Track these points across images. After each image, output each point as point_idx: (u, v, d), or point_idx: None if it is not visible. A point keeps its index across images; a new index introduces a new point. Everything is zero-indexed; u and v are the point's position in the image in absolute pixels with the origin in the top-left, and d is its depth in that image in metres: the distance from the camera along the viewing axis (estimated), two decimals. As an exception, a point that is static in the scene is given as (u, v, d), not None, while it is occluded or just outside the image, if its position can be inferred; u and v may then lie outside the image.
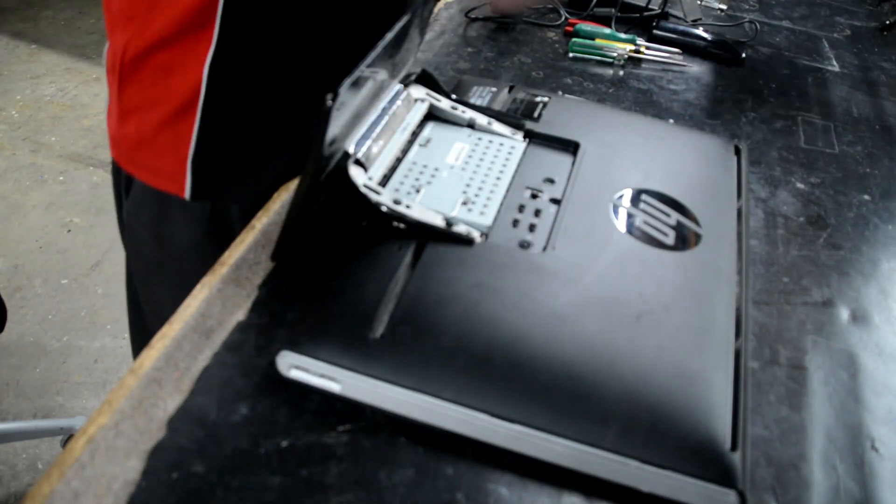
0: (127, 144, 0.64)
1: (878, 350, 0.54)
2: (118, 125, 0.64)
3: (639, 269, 0.48)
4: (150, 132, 0.62)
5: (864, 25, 1.18)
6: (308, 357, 0.41)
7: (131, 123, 0.63)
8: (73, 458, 0.38)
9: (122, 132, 0.64)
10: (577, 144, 0.59)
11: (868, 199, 0.72)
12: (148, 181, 0.66)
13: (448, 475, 0.40)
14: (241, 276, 0.50)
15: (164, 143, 0.62)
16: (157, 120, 0.61)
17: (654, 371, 0.42)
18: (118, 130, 0.65)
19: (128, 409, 0.41)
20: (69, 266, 1.74)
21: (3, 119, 2.26)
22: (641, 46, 0.92)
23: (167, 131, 0.61)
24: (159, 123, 0.61)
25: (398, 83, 0.59)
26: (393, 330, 0.42)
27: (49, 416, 1.40)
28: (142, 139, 0.63)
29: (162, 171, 0.64)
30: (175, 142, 0.61)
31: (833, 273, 0.61)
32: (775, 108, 0.86)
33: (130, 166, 0.66)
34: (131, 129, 0.63)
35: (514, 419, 0.39)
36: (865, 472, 0.44)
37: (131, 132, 0.63)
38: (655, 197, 0.55)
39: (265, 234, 0.54)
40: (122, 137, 0.64)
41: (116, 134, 0.65)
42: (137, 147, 0.64)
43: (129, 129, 0.63)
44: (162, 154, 0.63)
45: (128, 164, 0.67)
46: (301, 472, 0.39)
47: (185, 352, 0.44)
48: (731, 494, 0.38)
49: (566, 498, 0.40)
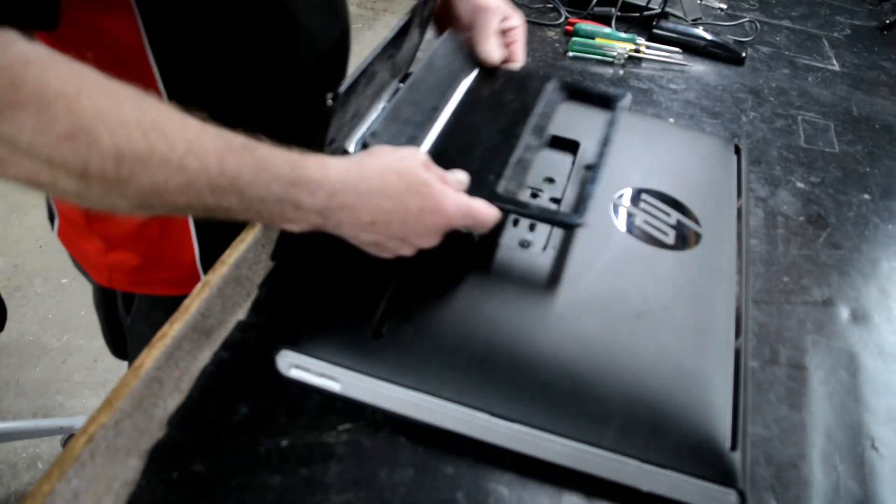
0: (121, 271, 0.62)
1: (878, 349, 0.54)
2: (103, 256, 0.62)
3: (639, 268, 0.48)
4: (149, 253, 0.60)
5: (865, 25, 1.18)
6: (308, 356, 0.41)
7: (122, 254, 0.61)
8: (74, 457, 0.38)
9: (112, 261, 0.62)
10: (577, 144, 0.59)
11: (868, 199, 0.72)
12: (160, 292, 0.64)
13: (448, 474, 0.40)
14: (242, 275, 0.50)
15: (166, 257, 0.61)
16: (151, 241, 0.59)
17: (654, 370, 0.42)
18: (104, 260, 0.62)
19: (128, 408, 0.41)
20: (69, 265, 1.74)
21: (3, 118, 2.25)
22: (641, 46, 0.92)
23: (165, 246, 0.60)
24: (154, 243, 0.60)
25: (398, 83, 0.59)
26: (393, 329, 0.42)
27: (49, 415, 1.40)
28: (141, 263, 0.61)
29: (173, 279, 0.62)
30: (178, 251, 0.60)
31: (833, 272, 0.61)
32: (775, 108, 0.86)
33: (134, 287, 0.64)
34: (125, 258, 0.61)
35: (514, 418, 0.39)
36: (865, 472, 0.45)
37: (126, 260, 0.61)
38: (655, 196, 0.55)
39: (265, 234, 0.54)
40: (112, 266, 0.62)
41: (101, 263, 0.63)
42: (137, 270, 0.62)
43: (122, 257, 0.61)
44: (169, 267, 0.61)
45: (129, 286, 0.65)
46: (301, 471, 0.39)
47: (185, 351, 0.44)
48: (731, 494, 0.38)
49: (566, 497, 0.40)
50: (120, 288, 0.65)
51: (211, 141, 0.36)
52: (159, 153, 0.34)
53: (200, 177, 0.35)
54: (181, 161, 0.35)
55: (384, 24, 2.80)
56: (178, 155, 0.35)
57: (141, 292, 0.65)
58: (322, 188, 0.39)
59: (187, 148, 0.35)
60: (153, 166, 0.34)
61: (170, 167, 0.35)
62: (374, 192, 0.40)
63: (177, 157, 0.35)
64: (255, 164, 0.37)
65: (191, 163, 0.35)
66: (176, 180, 0.35)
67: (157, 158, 0.34)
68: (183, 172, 0.35)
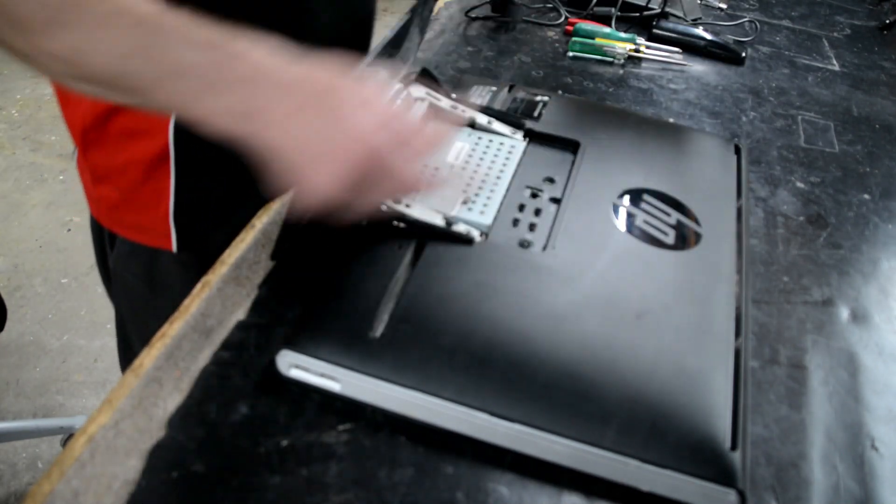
0: (105, 205, 0.63)
1: (878, 349, 0.54)
2: (92, 187, 0.63)
3: (639, 268, 0.48)
4: (127, 193, 0.61)
5: (864, 24, 1.18)
6: (308, 356, 0.41)
7: (105, 187, 0.62)
8: (74, 458, 0.38)
9: (98, 194, 0.63)
10: (577, 143, 0.59)
11: (868, 199, 0.72)
12: (133, 238, 0.65)
13: (448, 474, 0.40)
14: (241, 275, 0.50)
15: (142, 202, 0.61)
16: (131, 181, 0.60)
17: (654, 370, 0.42)
18: (93, 192, 0.64)
19: (128, 408, 0.41)
20: (69, 265, 1.74)
21: (3, 118, 2.25)
22: (641, 45, 0.92)
23: (144, 191, 0.60)
24: (134, 184, 0.60)
25: (398, 82, 0.59)
26: (393, 329, 0.42)
27: (49, 415, 1.40)
28: (120, 200, 0.62)
29: (145, 227, 0.63)
30: (154, 199, 0.60)
31: (833, 272, 0.61)
32: (775, 108, 0.86)
33: (112, 225, 0.66)
34: (107, 192, 0.62)
35: (514, 418, 0.39)
36: (865, 472, 0.44)
37: (108, 194, 0.62)
38: (655, 196, 0.55)
39: (265, 234, 0.54)
40: (98, 198, 0.64)
41: (92, 194, 0.64)
42: (116, 208, 0.63)
43: (105, 191, 0.62)
44: (142, 212, 0.62)
45: (109, 223, 0.66)
46: (301, 471, 0.39)
47: (185, 351, 0.44)
48: (731, 493, 0.38)
49: (566, 497, 0.40)
50: (106, 224, 0.66)
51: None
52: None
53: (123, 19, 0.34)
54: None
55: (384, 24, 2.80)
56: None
57: (118, 233, 0.66)
58: (246, 60, 0.37)
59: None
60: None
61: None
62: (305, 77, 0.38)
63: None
64: (179, 27, 0.36)
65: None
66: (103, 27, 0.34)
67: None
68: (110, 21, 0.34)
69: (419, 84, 0.61)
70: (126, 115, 0.56)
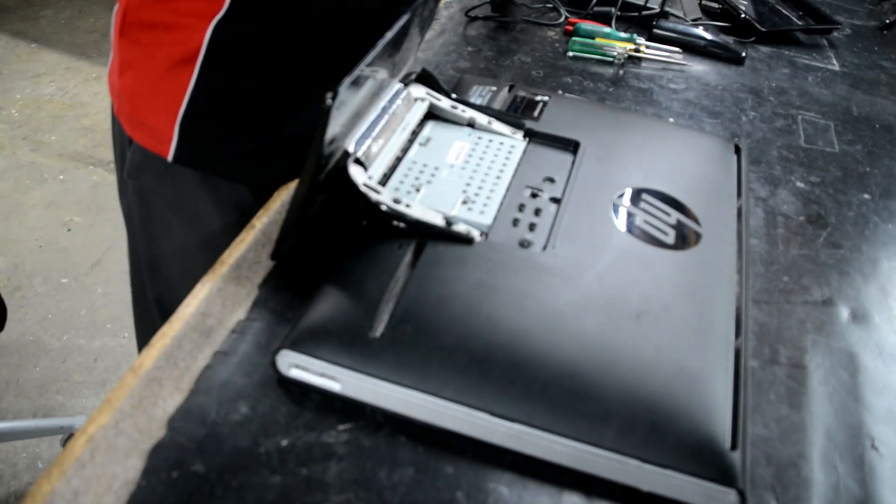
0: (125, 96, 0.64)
1: (878, 349, 0.54)
2: (116, 76, 0.64)
3: (639, 268, 0.48)
4: (147, 84, 0.62)
5: (865, 24, 1.18)
6: (308, 356, 0.41)
7: (129, 75, 0.63)
8: (74, 458, 0.38)
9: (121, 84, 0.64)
10: (577, 143, 0.59)
11: (868, 198, 0.72)
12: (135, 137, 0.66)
13: (448, 474, 0.40)
14: (242, 275, 0.50)
15: (157, 97, 0.61)
16: (155, 73, 0.61)
17: (654, 370, 0.42)
18: (117, 82, 0.65)
19: (128, 408, 0.41)
20: (69, 265, 1.74)
21: (3, 118, 2.25)
22: (641, 45, 0.92)
23: (162, 85, 0.61)
24: (156, 76, 0.61)
25: (398, 82, 0.59)
26: (393, 329, 0.42)
27: (49, 415, 1.40)
28: (138, 91, 0.63)
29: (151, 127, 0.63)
30: (168, 98, 0.61)
31: (833, 272, 0.61)
32: (775, 107, 0.86)
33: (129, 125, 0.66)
34: (129, 81, 0.63)
35: (514, 418, 0.39)
36: (865, 471, 0.45)
37: (129, 83, 0.63)
38: (655, 196, 0.55)
39: (265, 234, 0.54)
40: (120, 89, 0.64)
41: (115, 86, 0.65)
42: (133, 98, 0.64)
43: (127, 80, 0.63)
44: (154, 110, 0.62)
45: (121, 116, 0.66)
46: (301, 471, 0.39)
47: (185, 351, 0.44)
48: (731, 493, 0.38)
49: (566, 497, 0.40)
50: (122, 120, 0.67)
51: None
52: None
53: None
54: None
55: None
56: None
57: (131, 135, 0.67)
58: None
59: None
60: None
61: None
62: None
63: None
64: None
65: None
66: None
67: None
68: None
69: (419, 84, 0.61)
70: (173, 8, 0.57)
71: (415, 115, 0.59)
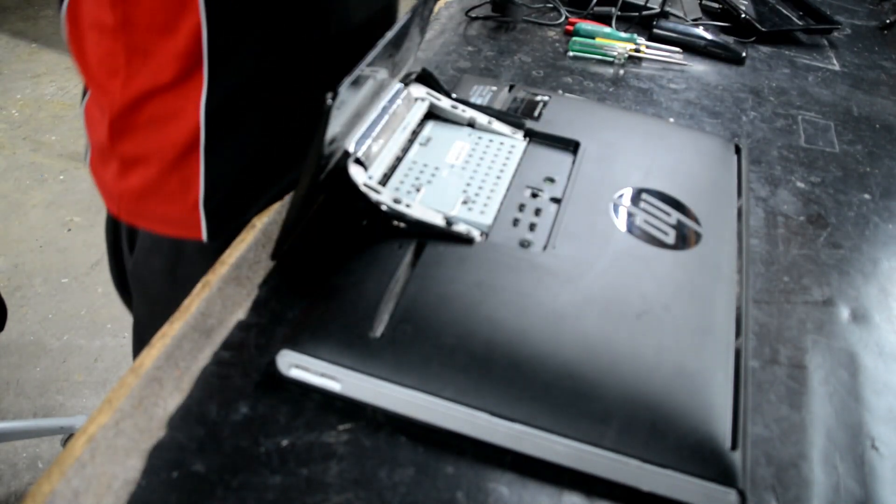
0: (129, 197, 0.62)
1: (878, 349, 0.54)
2: (116, 180, 0.62)
3: (639, 268, 0.48)
4: (155, 182, 0.60)
5: (865, 24, 1.18)
6: (308, 356, 0.41)
7: (133, 177, 0.61)
8: (74, 457, 0.38)
9: (123, 186, 0.62)
10: (577, 143, 0.59)
11: (868, 198, 0.72)
12: (158, 230, 0.64)
13: (448, 474, 0.40)
14: (242, 274, 0.50)
15: (171, 190, 0.60)
16: (160, 169, 0.59)
17: (655, 370, 0.42)
18: (117, 185, 0.62)
19: (128, 408, 0.41)
20: (69, 265, 1.74)
21: (4, 118, 2.25)
22: (641, 45, 0.92)
23: (173, 179, 0.59)
24: (163, 172, 0.59)
25: (398, 82, 0.59)
26: (393, 329, 0.42)
27: (49, 415, 1.40)
28: (146, 190, 0.61)
29: (173, 218, 0.62)
30: (183, 188, 0.59)
31: (833, 272, 0.61)
32: (775, 107, 0.86)
33: (136, 219, 0.64)
34: (133, 182, 0.61)
35: (515, 418, 0.39)
36: (866, 471, 0.44)
37: (134, 185, 0.61)
38: (656, 196, 0.55)
39: (265, 233, 0.54)
40: (122, 192, 0.62)
41: (114, 189, 0.63)
42: (141, 199, 0.62)
43: (131, 182, 0.61)
44: (171, 202, 0.61)
45: (132, 217, 0.64)
46: (301, 471, 0.39)
47: (185, 351, 0.44)
48: (732, 493, 0.38)
49: (566, 497, 0.40)
50: (126, 218, 0.65)
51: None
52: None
53: None
54: None
55: (384, 24, 2.79)
56: None
57: (142, 226, 0.65)
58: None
59: None
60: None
61: None
62: None
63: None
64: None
65: None
66: None
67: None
68: None
69: (419, 84, 0.61)
70: (158, 101, 0.56)
71: (415, 115, 0.59)
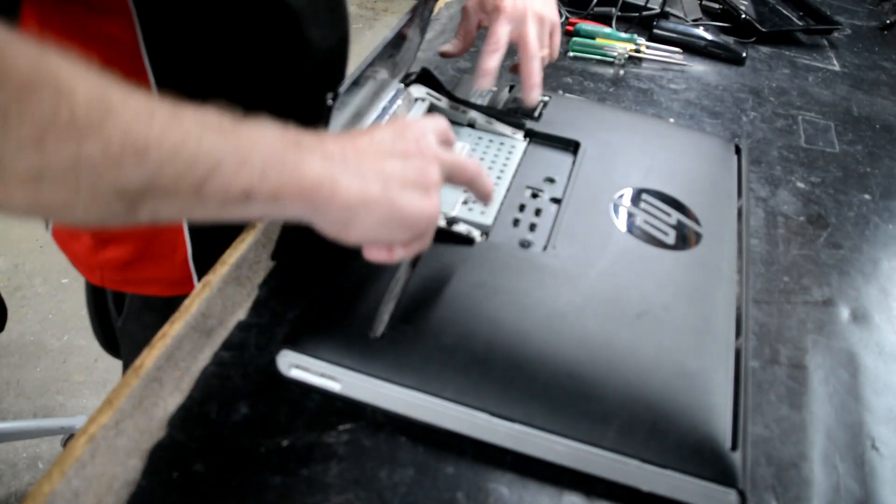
0: (112, 267, 0.61)
1: (878, 349, 0.54)
2: (93, 253, 0.60)
3: (639, 268, 0.48)
4: (138, 250, 0.59)
5: (865, 24, 1.18)
6: (308, 356, 0.41)
7: (113, 249, 0.60)
8: (74, 458, 0.38)
9: (102, 258, 0.60)
10: (577, 144, 0.59)
11: (868, 199, 0.72)
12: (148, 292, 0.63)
13: (448, 474, 0.40)
14: (242, 275, 0.50)
15: (157, 254, 0.59)
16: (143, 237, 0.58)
17: (655, 370, 0.42)
18: (94, 257, 0.61)
19: (128, 408, 0.41)
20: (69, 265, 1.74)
21: (4, 118, 2.25)
22: (642, 46, 0.92)
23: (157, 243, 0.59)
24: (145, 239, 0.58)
25: (399, 82, 0.59)
26: (393, 329, 0.42)
27: (49, 415, 1.40)
28: (131, 259, 0.60)
29: (163, 279, 0.61)
30: (169, 249, 0.59)
31: (833, 272, 0.61)
32: (775, 108, 0.86)
33: (123, 286, 0.63)
34: (115, 254, 0.60)
35: (515, 418, 0.39)
36: (866, 471, 0.44)
37: (115, 256, 0.60)
38: (656, 196, 0.55)
39: (265, 234, 0.54)
40: (103, 263, 0.61)
41: (92, 261, 0.62)
42: (126, 267, 0.61)
43: (112, 253, 0.60)
44: (158, 265, 0.60)
45: (118, 286, 0.63)
46: (301, 471, 0.39)
47: (185, 351, 0.44)
48: (732, 493, 0.38)
49: (566, 497, 0.40)
50: (111, 287, 0.65)
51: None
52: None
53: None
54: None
55: (384, 24, 2.80)
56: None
57: (131, 292, 0.65)
58: (317, 137, 0.35)
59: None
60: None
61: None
62: (366, 132, 0.38)
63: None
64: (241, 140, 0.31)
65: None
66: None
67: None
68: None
69: (419, 84, 0.61)
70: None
71: (415, 116, 0.59)
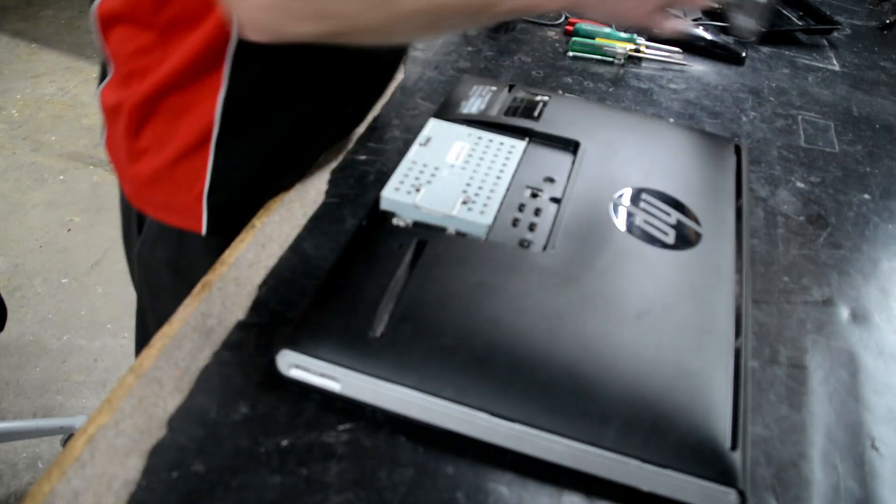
0: (139, 182, 0.64)
1: (878, 349, 0.54)
2: (128, 164, 0.64)
3: (639, 268, 0.48)
4: (164, 170, 0.61)
5: (865, 24, 1.18)
6: (308, 356, 0.41)
7: (143, 163, 0.62)
8: (74, 457, 0.38)
9: (134, 171, 0.63)
10: (577, 143, 0.59)
11: (868, 199, 0.72)
12: (162, 219, 0.65)
13: (448, 474, 0.40)
14: (242, 275, 0.50)
15: (178, 180, 0.61)
16: (170, 158, 0.60)
17: (654, 370, 0.42)
18: (129, 169, 0.64)
19: (128, 408, 0.41)
20: (69, 265, 1.74)
21: (4, 118, 2.25)
22: (641, 45, 0.92)
23: (181, 168, 0.60)
24: (172, 161, 0.60)
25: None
26: (393, 329, 0.42)
27: (49, 415, 1.40)
28: (155, 177, 0.62)
29: (176, 207, 0.63)
30: (189, 178, 0.61)
31: (833, 272, 0.61)
32: (775, 108, 0.86)
33: (143, 205, 0.66)
34: (144, 168, 0.62)
35: (515, 418, 0.39)
36: (865, 471, 0.45)
37: (144, 171, 0.62)
38: (655, 196, 0.55)
39: (265, 233, 0.54)
40: (133, 176, 0.64)
41: (127, 172, 0.65)
42: (150, 185, 0.63)
43: (142, 167, 0.62)
44: (176, 191, 0.62)
45: (140, 203, 0.66)
46: (301, 471, 0.39)
47: (185, 351, 0.44)
48: (732, 493, 0.38)
49: (566, 497, 0.40)
50: (135, 203, 0.66)
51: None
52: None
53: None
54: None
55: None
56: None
57: (148, 213, 0.66)
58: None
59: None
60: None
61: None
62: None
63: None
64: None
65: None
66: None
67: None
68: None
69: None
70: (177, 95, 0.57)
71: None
